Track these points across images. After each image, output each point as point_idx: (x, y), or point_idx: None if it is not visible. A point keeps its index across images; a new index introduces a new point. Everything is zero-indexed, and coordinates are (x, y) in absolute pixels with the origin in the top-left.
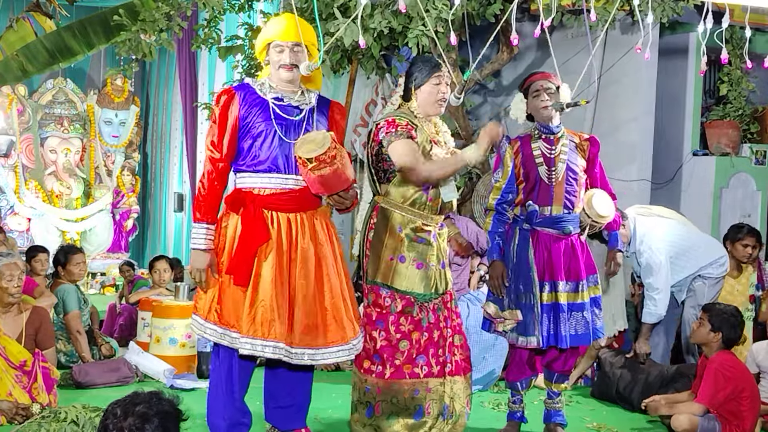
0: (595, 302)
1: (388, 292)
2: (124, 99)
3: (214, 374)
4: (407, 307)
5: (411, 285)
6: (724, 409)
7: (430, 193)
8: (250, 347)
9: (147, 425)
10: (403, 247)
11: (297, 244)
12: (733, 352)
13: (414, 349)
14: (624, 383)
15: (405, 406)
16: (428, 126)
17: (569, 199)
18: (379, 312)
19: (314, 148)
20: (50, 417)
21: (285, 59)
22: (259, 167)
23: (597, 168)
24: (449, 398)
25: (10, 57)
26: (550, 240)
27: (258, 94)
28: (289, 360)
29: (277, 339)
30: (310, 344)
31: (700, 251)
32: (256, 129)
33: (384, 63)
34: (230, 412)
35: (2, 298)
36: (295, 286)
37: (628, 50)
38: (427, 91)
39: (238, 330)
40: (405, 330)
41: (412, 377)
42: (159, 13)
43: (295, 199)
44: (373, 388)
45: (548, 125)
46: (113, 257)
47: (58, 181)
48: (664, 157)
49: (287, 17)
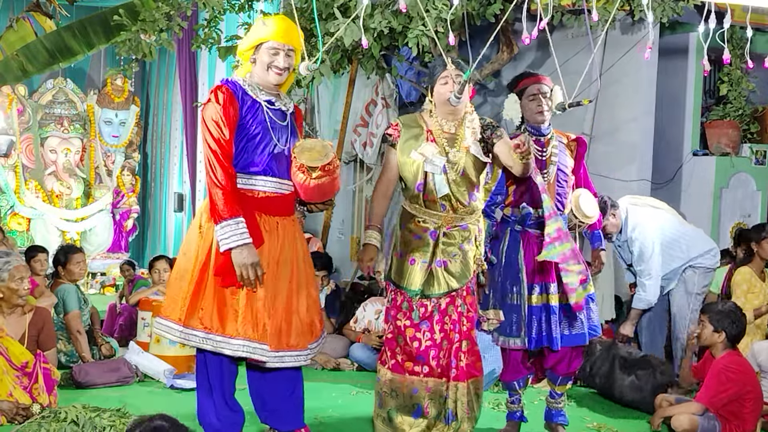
0: (589, 299)
1: (393, 287)
2: (124, 99)
3: (201, 376)
4: (402, 302)
5: (401, 280)
6: (726, 409)
7: (424, 191)
8: (245, 350)
9: None
10: (401, 242)
11: (284, 247)
12: (740, 353)
13: (412, 347)
14: (596, 367)
15: (404, 402)
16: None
17: (560, 200)
18: (388, 307)
19: (317, 156)
20: (50, 417)
21: (280, 62)
22: (251, 169)
23: (582, 168)
24: (453, 402)
25: (10, 57)
26: (541, 241)
27: (250, 95)
28: (267, 362)
29: (266, 341)
30: (294, 346)
31: (691, 241)
32: (252, 130)
33: (384, 63)
34: (223, 411)
35: (11, 299)
36: (282, 289)
37: (628, 50)
38: (438, 92)
39: (222, 332)
40: (400, 325)
41: (412, 375)
42: (159, 13)
43: (284, 204)
44: (382, 379)
45: (539, 127)
46: (113, 257)
47: (58, 181)
48: (664, 157)
49: (283, 19)
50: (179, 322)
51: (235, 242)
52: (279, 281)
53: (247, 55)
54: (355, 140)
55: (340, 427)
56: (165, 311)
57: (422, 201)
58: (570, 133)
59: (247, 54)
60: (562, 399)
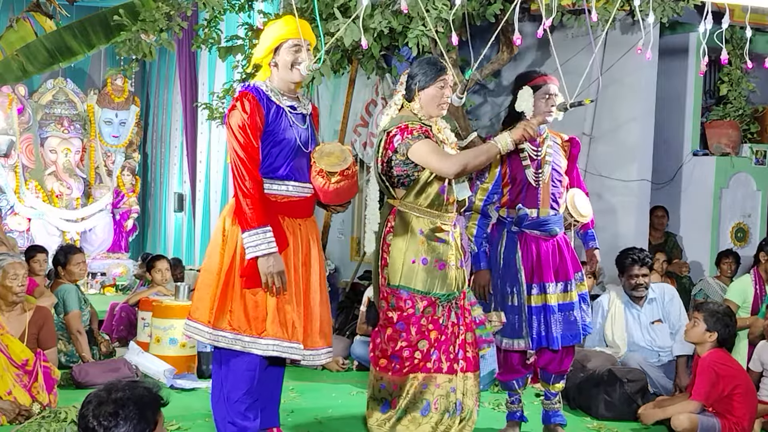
0: (583, 299)
1: (408, 294)
2: (124, 99)
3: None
4: (428, 307)
5: (433, 286)
6: (719, 406)
7: (447, 193)
8: (276, 349)
9: (121, 411)
10: (424, 249)
11: (306, 249)
12: (725, 350)
13: (433, 347)
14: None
15: (414, 400)
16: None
17: (555, 200)
18: (400, 314)
19: (336, 161)
20: (50, 417)
21: (303, 57)
22: (275, 174)
23: (575, 169)
24: (461, 394)
25: (10, 57)
26: (538, 242)
27: (273, 100)
28: (302, 361)
29: (299, 341)
30: (316, 345)
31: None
32: (277, 136)
33: (384, 63)
34: (255, 413)
35: (6, 296)
36: (306, 290)
37: (628, 50)
38: (431, 94)
39: (250, 334)
40: (425, 330)
41: (423, 372)
42: (159, 13)
43: (306, 206)
44: (390, 385)
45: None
46: (113, 257)
47: (58, 181)
48: (664, 157)
49: (292, 17)
50: (208, 324)
51: (262, 251)
52: (303, 281)
53: (267, 59)
54: (355, 140)
55: (340, 427)
56: (194, 314)
57: (441, 204)
58: (563, 134)
59: (267, 58)
60: (557, 399)
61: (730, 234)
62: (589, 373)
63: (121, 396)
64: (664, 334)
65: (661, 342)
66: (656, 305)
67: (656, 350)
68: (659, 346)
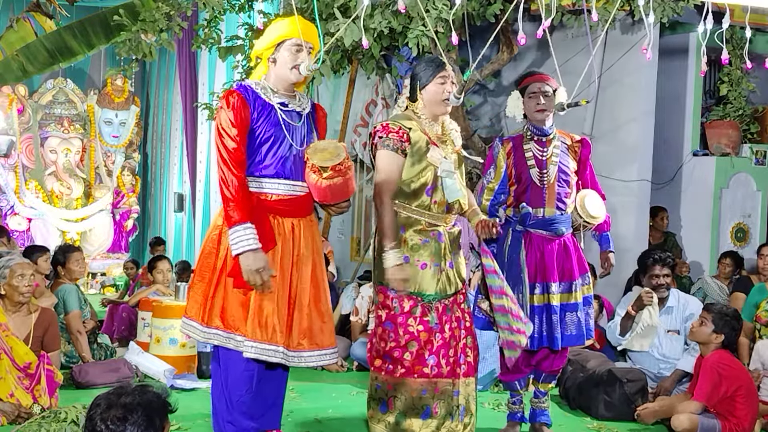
0: (587, 301)
1: (394, 293)
2: (124, 99)
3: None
4: (414, 308)
5: (414, 285)
6: (721, 407)
7: (434, 197)
8: (254, 351)
9: (130, 416)
10: (406, 247)
11: (298, 249)
12: (729, 351)
13: (426, 350)
14: (570, 382)
15: (413, 405)
16: (432, 127)
17: (561, 200)
18: (387, 313)
19: (329, 157)
20: (50, 417)
21: (303, 58)
22: (264, 172)
23: (588, 170)
24: (464, 398)
25: (10, 57)
26: (543, 241)
27: (263, 98)
28: (286, 363)
29: (278, 343)
30: (305, 347)
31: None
32: (265, 134)
33: (384, 63)
34: (259, 410)
35: (12, 296)
36: (296, 290)
37: (628, 50)
38: (432, 91)
39: (242, 333)
40: (413, 331)
41: (421, 377)
42: (159, 13)
43: (299, 205)
44: (384, 385)
45: (541, 127)
46: (113, 257)
47: (58, 181)
48: (664, 157)
49: (299, 18)
50: (201, 321)
51: (242, 248)
52: (299, 281)
53: (267, 53)
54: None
55: (340, 427)
56: (189, 312)
57: (429, 205)
58: (574, 134)
59: (267, 52)
60: (546, 398)
61: (730, 234)
62: (589, 373)
63: (130, 401)
64: (675, 346)
65: (670, 352)
66: (673, 316)
67: (660, 359)
68: (664, 355)
